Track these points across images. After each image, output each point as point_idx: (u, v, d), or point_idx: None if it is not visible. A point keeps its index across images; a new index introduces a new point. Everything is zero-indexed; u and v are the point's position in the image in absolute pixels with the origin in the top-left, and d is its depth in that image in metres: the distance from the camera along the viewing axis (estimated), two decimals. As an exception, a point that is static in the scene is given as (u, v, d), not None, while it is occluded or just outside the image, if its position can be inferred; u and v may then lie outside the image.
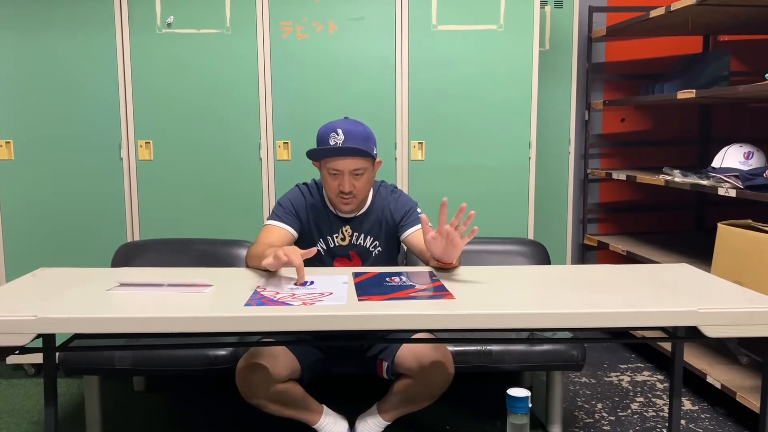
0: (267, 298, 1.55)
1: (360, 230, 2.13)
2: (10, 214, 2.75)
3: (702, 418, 2.46)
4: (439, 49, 2.75)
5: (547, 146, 3.14)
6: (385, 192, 2.18)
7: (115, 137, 2.74)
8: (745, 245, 2.28)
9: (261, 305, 1.50)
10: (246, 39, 2.72)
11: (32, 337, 1.42)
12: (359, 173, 2.00)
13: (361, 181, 2.02)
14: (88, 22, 2.68)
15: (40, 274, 1.83)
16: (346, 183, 1.99)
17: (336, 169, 1.99)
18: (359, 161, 1.99)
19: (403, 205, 2.14)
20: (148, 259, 2.57)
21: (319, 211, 2.12)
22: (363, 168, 2.00)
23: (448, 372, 1.99)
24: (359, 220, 2.13)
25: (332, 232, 2.12)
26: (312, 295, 1.58)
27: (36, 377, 2.85)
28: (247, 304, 1.51)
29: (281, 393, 1.96)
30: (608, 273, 1.89)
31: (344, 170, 1.98)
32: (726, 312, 1.46)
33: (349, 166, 1.98)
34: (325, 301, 1.53)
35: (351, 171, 1.99)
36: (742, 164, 2.56)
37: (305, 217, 2.11)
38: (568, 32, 3.16)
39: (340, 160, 1.98)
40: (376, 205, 2.15)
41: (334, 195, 2.04)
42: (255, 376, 1.92)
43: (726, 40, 3.43)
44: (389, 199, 2.15)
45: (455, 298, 1.57)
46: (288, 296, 1.57)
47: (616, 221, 3.57)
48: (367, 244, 2.14)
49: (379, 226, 2.14)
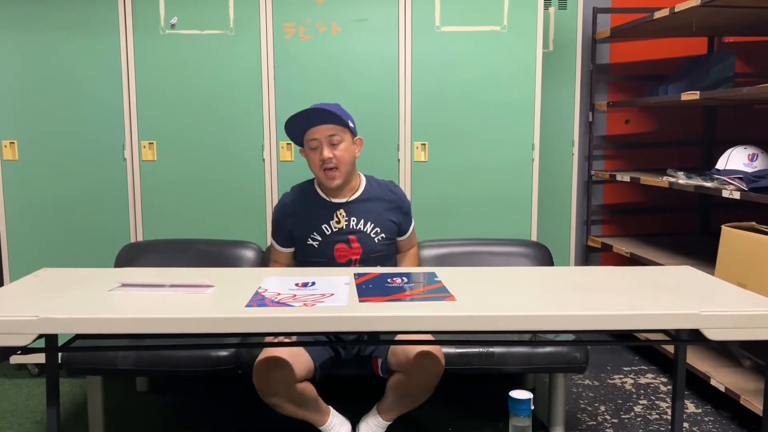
0: (268, 299, 1.55)
1: (356, 214, 2.17)
2: (14, 214, 2.76)
3: (705, 421, 2.45)
4: (443, 50, 2.75)
5: (551, 148, 3.14)
6: (382, 182, 2.28)
7: (119, 138, 2.75)
8: (749, 248, 2.27)
9: (262, 306, 1.50)
10: (249, 40, 2.72)
11: (34, 337, 1.42)
12: (336, 141, 2.09)
13: (340, 149, 2.10)
14: (92, 23, 2.69)
15: (42, 274, 1.83)
16: (324, 150, 2.08)
17: (313, 139, 2.09)
18: (333, 127, 2.09)
19: (401, 197, 2.29)
20: (151, 259, 2.57)
21: (308, 203, 2.19)
22: (338, 135, 2.10)
23: (438, 363, 1.98)
24: (353, 204, 2.18)
25: (327, 219, 2.16)
26: (313, 296, 1.58)
27: (39, 377, 2.86)
28: (248, 305, 1.51)
29: (299, 393, 1.96)
30: (610, 275, 1.88)
31: (321, 138, 2.08)
32: (729, 315, 1.45)
33: (324, 132, 2.08)
34: (326, 303, 1.52)
35: (327, 137, 2.08)
36: (747, 166, 2.55)
37: (290, 222, 2.19)
38: (572, 33, 3.15)
39: (315, 130, 2.08)
40: (373, 192, 2.22)
41: (318, 170, 2.12)
42: (275, 374, 1.91)
43: (731, 41, 3.41)
44: (394, 191, 2.27)
45: (456, 299, 1.57)
46: (289, 297, 1.57)
47: (620, 223, 3.56)
48: (367, 229, 2.17)
49: (377, 212, 2.19)
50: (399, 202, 2.26)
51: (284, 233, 2.22)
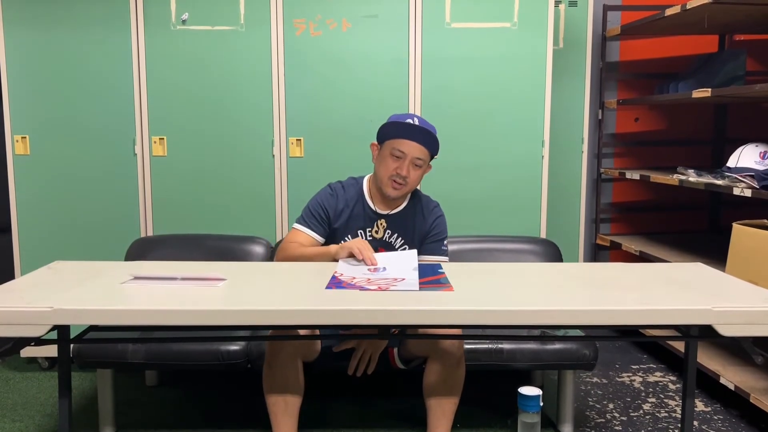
0: (345, 282, 1.66)
1: (393, 228, 2.16)
2: (25, 208, 2.77)
3: (715, 420, 2.44)
4: (453, 46, 2.75)
5: (561, 145, 3.13)
6: (426, 201, 2.23)
7: (130, 133, 2.76)
8: (760, 245, 2.26)
9: (340, 288, 1.62)
10: (260, 36, 2.73)
11: (48, 328, 1.43)
12: (419, 164, 2.07)
13: (417, 173, 2.08)
14: (103, 19, 2.70)
15: (55, 267, 1.84)
16: (405, 167, 2.05)
17: (401, 151, 2.05)
18: (425, 152, 2.07)
19: (439, 225, 2.20)
20: (161, 254, 2.58)
21: (354, 206, 2.15)
22: (423, 160, 2.08)
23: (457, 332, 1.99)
24: (394, 217, 2.16)
25: (367, 226, 2.15)
26: (386, 280, 1.68)
27: (50, 370, 2.88)
28: (328, 287, 1.62)
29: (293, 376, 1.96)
30: (620, 271, 1.88)
31: (409, 154, 2.05)
32: (741, 311, 1.45)
33: (415, 152, 2.05)
34: (398, 287, 1.62)
35: (414, 158, 2.05)
36: (758, 164, 2.54)
37: (335, 215, 2.14)
38: (583, 30, 3.14)
39: (409, 143, 2.05)
40: (413, 209, 2.19)
41: (387, 176, 2.07)
42: (287, 344, 1.95)
43: (742, 39, 3.40)
44: (431, 210, 2.21)
45: (456, 290, 1.57)
46: (363, 281, 1.67)
47: (629, 221, 3.55)
48: (397, 244, 2.17)
49: (412, 230, 2.17)
50: (428, 231, 2.18)
51: (323, 221, 2.13)
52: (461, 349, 2.02)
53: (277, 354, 1.96)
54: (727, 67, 2.98)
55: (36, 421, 2.41)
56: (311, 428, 2.32)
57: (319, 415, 2.45)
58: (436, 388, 2.02)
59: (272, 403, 1.97)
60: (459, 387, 2.03)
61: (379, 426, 2.38)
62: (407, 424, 2.38)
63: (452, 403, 2.03)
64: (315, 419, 2.40)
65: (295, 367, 1.97)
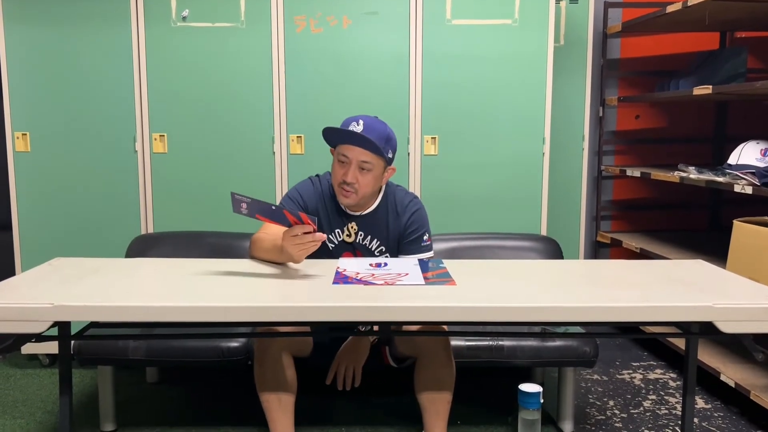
0: (351, 278, 1.68)
1: (365, 230, 2.11)
2: (26, 205, 2.77)
3: (715, 417, 2.44)
4: (453, 43, 2.74)
5: (561, 142, 3.13)
6: (401, 198, 2.14)
7: (130, 130, 2.76)
8: (761, 242, 2.26)
9: (347, 284, 1.64)
10: (260, 33, 2.73)
11: (49, 324, 1.43)
12: (366, 168, 1.99)
13: (366, 177, 2.00)
14: (103, 15, 2.70)
15: (56, 263, 1.84)
16: (350, 173, 1.98)
17: (345, 156, 1.99)
18: (369, 155, 1.98)
19: (416, 221, 2.12)
20: (161, 251, 2.58)
21: (327, 203, 2.11)
22: (371, 163, 1.99)
23: (442, 330, 2.00)
24: (365, 219, 2.11)
25: (339, 226, 2.11)
26: (390, 275, 1.71)
27: (50, 367, 2.88)
28: (335, 282, 1.65)
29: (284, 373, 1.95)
30: (621, 268, 1.88)
31: (353, 159, 1.98)
32: (742, 308, 1.45)
33: (358, 156, 1.98)
34: (404, 281, 1.65)
35: (359, 161, 1.98)
36: (759, 161, 2.54)
37: (314, 208, 2.10)
38: (583, 28, 3.14)
39: (350, 148, 1.98)
40: (385, 208, 2.13)
41: (337, 183, 2.03)
42: (275, 340, 1.95)
43: (743, 36, 3.39)
44: (405, 207, 2.12)
45: (458, 285, 1.57)
46: (368, 276, 1.70)
47: (630, 218, 3.55)
48: (372, 246, 2.12)
49: (386, 230, 2.11)
50: (404, 229, 2.11)
51: (301, 209, 2.06)
52: (448, 348, 2.00)
53: (266, 351, 1.94)
54: (728, 64, 2.98)
55: (37, 418, 2.41)
56: (309, 425, 2.32)
57: (318, 411, 2.45)
58: (426, 386, 2.01)
59: (266, 400, 1.97)
60: (449, 384, 2.00)
61: (377, 423, 2.38)
62: (406, 421, 2.38)
63: (445, 401, 2.00)
64: (313, 416, 2.40)
65: (285, 363, 1.96)
